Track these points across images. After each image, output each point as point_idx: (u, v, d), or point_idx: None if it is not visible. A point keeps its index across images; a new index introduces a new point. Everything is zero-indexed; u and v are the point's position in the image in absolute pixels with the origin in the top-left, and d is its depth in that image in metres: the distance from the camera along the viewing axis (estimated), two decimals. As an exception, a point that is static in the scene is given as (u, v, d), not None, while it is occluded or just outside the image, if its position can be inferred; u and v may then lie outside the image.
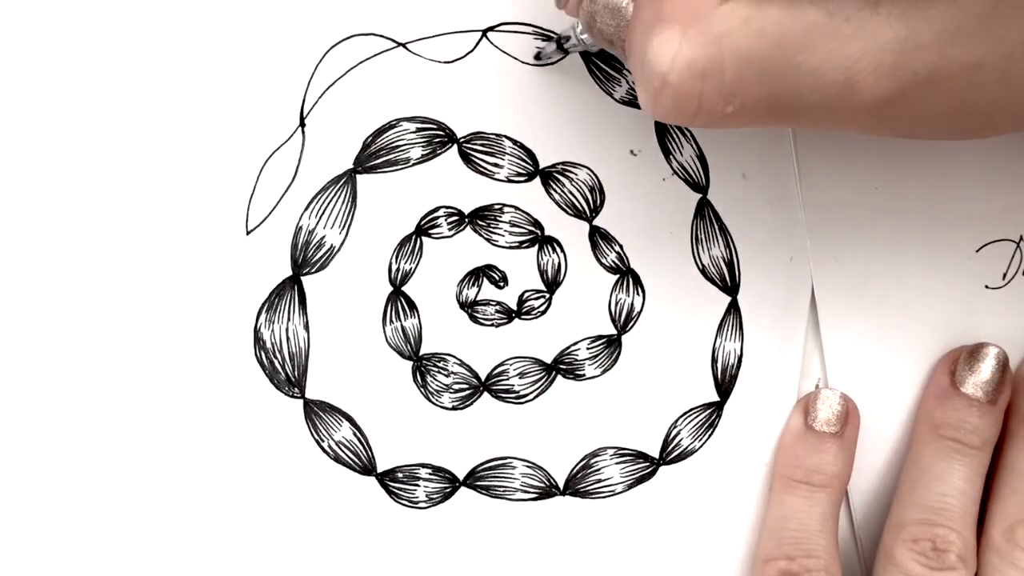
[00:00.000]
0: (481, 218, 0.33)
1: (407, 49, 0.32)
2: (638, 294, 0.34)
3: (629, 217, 0.34)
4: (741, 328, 0.35)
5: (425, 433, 0.33)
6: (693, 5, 0.24)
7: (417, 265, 0.33)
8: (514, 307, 0.34)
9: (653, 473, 0.34)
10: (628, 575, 0.35)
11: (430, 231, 0.33)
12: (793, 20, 0.23)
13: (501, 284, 0.33)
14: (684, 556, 0.35)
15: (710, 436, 0.35)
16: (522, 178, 0.33)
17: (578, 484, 0.34)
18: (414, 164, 0.33)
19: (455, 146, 0.33)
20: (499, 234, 0.33)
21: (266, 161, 0.32)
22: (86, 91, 0.31)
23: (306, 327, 0.32)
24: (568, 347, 0.34)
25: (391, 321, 0.33)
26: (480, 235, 0.33)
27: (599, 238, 0.34)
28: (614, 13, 0.27)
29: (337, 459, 0.33)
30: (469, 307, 0.33)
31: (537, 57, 0.33)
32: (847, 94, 0.24)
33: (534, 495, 0.34)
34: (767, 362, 0.35)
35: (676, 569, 0.35)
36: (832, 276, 0.35)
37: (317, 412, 0.33)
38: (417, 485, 0.33)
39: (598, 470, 0.34)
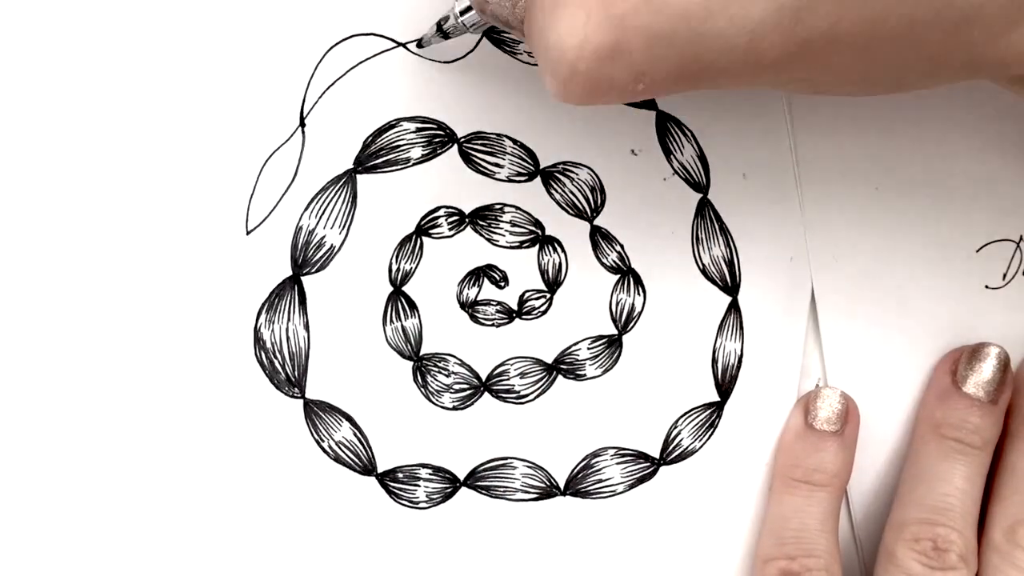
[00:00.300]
0: (482, 218, 0.33)
1: (407, 49, 0.32)
2: (639, 294, 0.34)
3: (630, 217, 0.34)
4: (741, 328, 0.35)
5: (425, 433, 0.33)
6: None
7: (417, 265, 0.33)
8: (515, 307, 0.33)
9: (654, 473, 0.34)
10: (629, 575, 0.35)
11: (430, 231, 0.33)
12: None
13: (502, 284, 0.33)
14: (684, 556, 0.35)
15: (710, 436, 0.35)
16: (523, 178, 0.33)
17: (579, 484, 0.34)
18: (414, 164, 0.32)
19: (455, 146, 0.33)
20: (500, 234, 0.33)
21: (266, 161, 0.32)
22: (86, 92, 0.31)
23: (306, 327, 0.32)
24: (569, 347, 0.34)
25: (391, 321, 0.33)
26: (481, 235, 0.33)
27: (600, 238, 0.34)
28: None
29: (337, 459, 0.33)
30: (470, 307, 0.33)
31: (419, 44, 0.32)
32: (753, 55, 0.24)
33: (535, 495, 0.34)
34: (767, 362, 0.35)
35: (676, 569, 0.35)
36: (832, 276, 0.35)
37: (317, 412, 0.33)
38: (417, 485, 0.33)
39: (599, 470, 0.34)
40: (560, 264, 0.34)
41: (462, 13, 0.29)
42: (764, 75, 0.25)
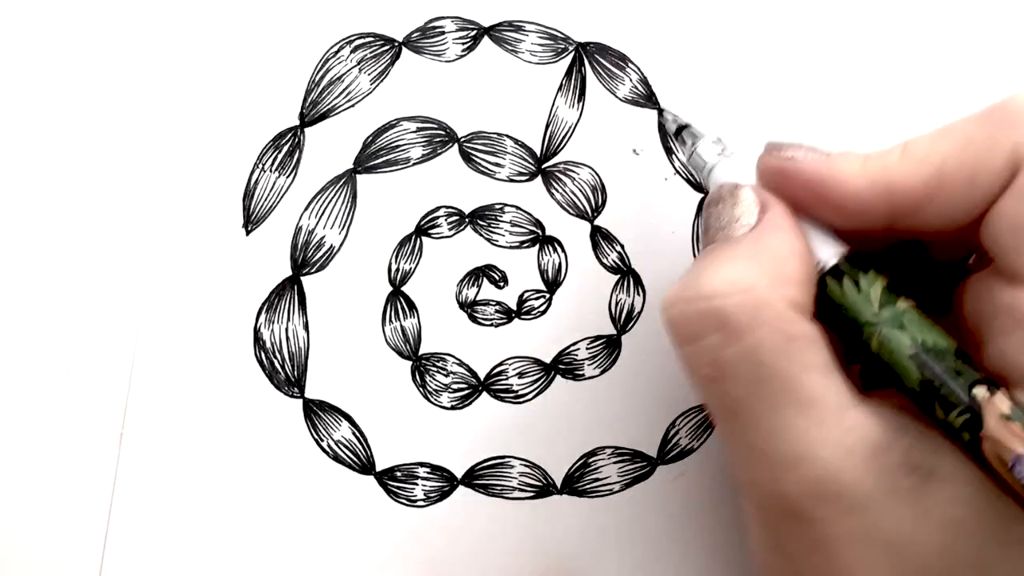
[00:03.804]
0: (481, 218, 0.33)
1: (407, 49, 0.32)
2: (639, 294, 0.34)
3: (630, 217, 0.34)
4: (741, 329, 0.34)
5: (424, 432, 0.33)
6: (782, 278, 0.24)
7: (417, 265, 0.33)
8: (514, 307, 0.34)
9: (650, 472, 0.35)
10: (625, 573, 0.35)
11: (430, 231, 0.33)
12: (822, 379, 0.24)
13: (501, 284, 0.33)
14: (681, 555, 0.35)
15: (708, 436, 0.35)
16: (523, 178, 0.33)
17: (576, 483, 0.34)
18: (414, 164, 0.32)
19: (456, 145, 0.33)
20: (499, 234, 0.33)
21: (266, 161, 0.32)
22: (86, 93, 0.31)
23: (306, 327, 0.33)
24: (567, 347, 0.34)
25: (391, 321, 0.33)
26: (480, 235, 0.33)
27: (600, 238, 0.34)
28: (724, 222, 0.26)
29: (336, 458, 0.33)
30: (469, 307, 0.33)
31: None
32: (783, 472, 0.24)
33: (532, 494, 0.34)
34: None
35: (674, 568, 0.35)
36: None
37: (316, 412, 0.33)
38: (416, 484, 0.33)
39: (596, 469, 0.34)
40: (560, 264, 0.34)
41: (695, 161, 0.29)
42: (768, 506, 0.25)
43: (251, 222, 0.32)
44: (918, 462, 0.23)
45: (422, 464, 0.34)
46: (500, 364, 0.34)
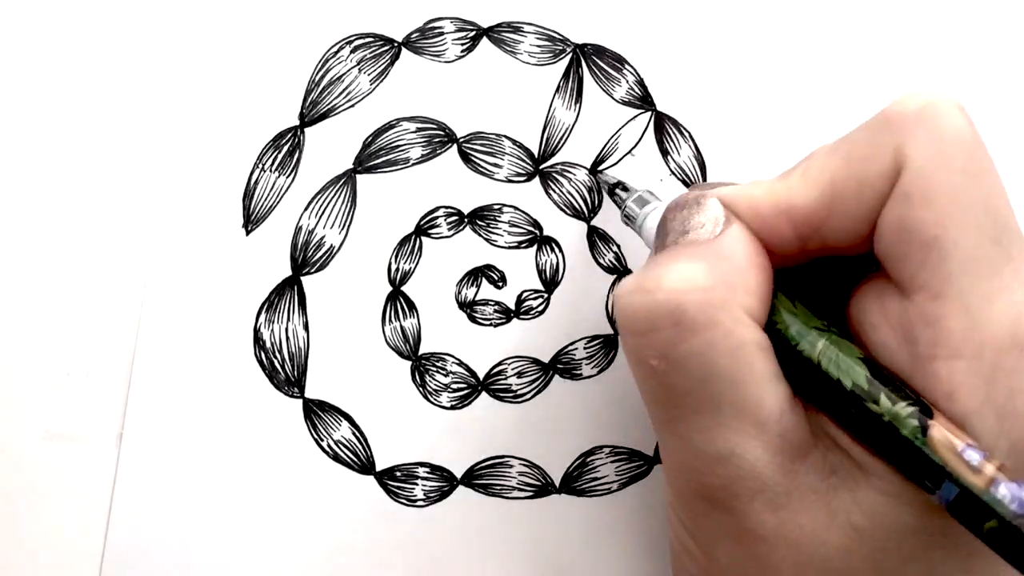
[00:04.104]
0: (480, 218, 0.33)
1: (407, 49, 0.32)
2: (635, 294, 0.34)
3: (627, 217, 0.34)
4: (736, 328, 0.35)
5: (423, 432, 0.33)
6: (742, 286, 0.24)
7: (416, 265, 0.33)
8: (512, 307, 0.34)
9: (648, 471, 0.35)
10: (623, 572, 0.35)
11: (429, 231, 0.33)
12: (762, 387, 0.24)
13: (500, 284, 0.34)
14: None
15: (705, 435, 0.35)
16: (521, 178, 0.33)
17: (574, 482, 0.34)
18: (414, 164, 0.33)
19: (455, 146, 0.33)
20: (498, 234, 0.33)
21: (266, 161, 0.32)
22: (86, 92, 0.31)
23: (306, 327, 0.32)
24: (565, 347, 0.34)
25: (390, 321, 0.33)
26: (479, 235, 0.33)
27: (597, 238, 0.34)
28: (688, 226, 0.26)
29: (336, 458, 0.33)
30: (468, 307, 0.33)
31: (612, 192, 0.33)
32: (712, 464, 0.25)
33: (530, 493, 0.34)
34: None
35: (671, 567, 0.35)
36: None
37: (316, 411, 0.33)
38: (415, 484, 0.33)
39: (594, 468, 0.34)
40: (557, 264, 0.34)
41: (631, 204, 0.31)
42: (688, 489, 0.26)
43: (251, 222, 0.32)
44: (835, 466, 0.24)
45: (422, 464, 0.34)
46: (499, 364, 0.34)
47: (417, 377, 0.33)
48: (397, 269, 0.33)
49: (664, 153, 0.34)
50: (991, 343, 0.23)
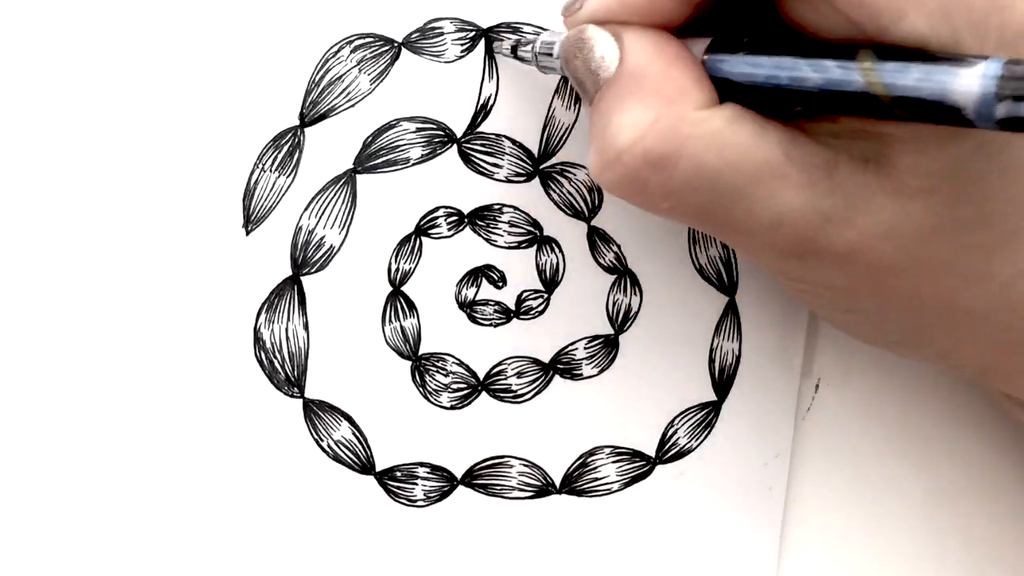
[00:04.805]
0: (480, 218, 0.33)
1: (407, 49, 0.32)
2: (635, 294, 0.34)
3: (627, 217, 0.34)
4: (739, 328, 0.35)
5: (423, 432, 0.33)
6: (676, 90, 0.24)
7: (416, 265, 0.33)
8: (513, 307, 0.34)
9: (649, 472, 0.35)
10: (624, 573, 0.35)
11: (429, 231, 0.33)
12: (755, 150, 0.24)
13: (500, 284, 0.33)
14: (680, 554, 0.35)
15: (707, 435, 0.35)
16: (521, 178, 0.33)
17: (575, 483, 0.34)
18: (414, 164, 0.33)
19: (455, 146, 0.33)
20: (498, 234, 0.33)
21: (266, 161, 0.32)
22: (86, 92, 0.31)
23: (306, 327, 0.33)
24: (566, 347, 0.34)
25: (390, 321, 0.33)
26: (479, 235, 0.33)
27: (597, 238, 0.34)
28: (592, 68, 0.26)
29: (336, 458, 0.33)
30: (468, 307, 0.33)
31: (512, 50, 0.32)
32: (772, 236, 0.25)
33: (531, 493, 0.34)
34: (765, 362, 0.35)
35: (671, 567, 0.35)
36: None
37: (316, 412, 0.33)
38: (415, 484, 0.33)
39: (595, 469, 0.34)
40: (557, 264, 0.34)
41: (542, 53, 0.29)
42: (772, 260, 0.26)
43: (251, 222, 0.32)
44: (866, 155, 0.24)
45: (422, 464, 0.34)
46: (499, 364, 0.34)
47: (417, 377, 0.33)
48: (397, 269, 0.33)
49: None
50: None
